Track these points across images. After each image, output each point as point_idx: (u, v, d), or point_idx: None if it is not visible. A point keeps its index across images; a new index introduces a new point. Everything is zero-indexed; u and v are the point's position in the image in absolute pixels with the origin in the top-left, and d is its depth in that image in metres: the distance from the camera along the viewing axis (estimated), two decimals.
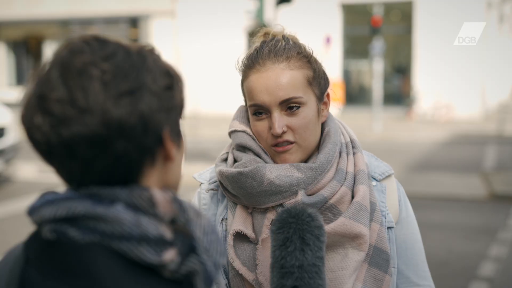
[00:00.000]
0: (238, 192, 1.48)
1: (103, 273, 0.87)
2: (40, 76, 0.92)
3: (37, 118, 0.89)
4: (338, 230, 1.42)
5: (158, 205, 0.91)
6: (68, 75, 0.89)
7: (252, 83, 1.48)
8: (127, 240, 0.88)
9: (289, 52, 1.48)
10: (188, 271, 0.91)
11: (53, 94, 0.88)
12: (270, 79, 1.45)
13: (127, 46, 0.95)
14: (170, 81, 0.97)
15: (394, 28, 21.73)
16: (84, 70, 0.89)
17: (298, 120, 1.46)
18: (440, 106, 19.88)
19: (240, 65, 1.54)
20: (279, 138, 1.47)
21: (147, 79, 0.92)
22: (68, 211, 0.89)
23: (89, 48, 0.92)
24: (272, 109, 1.46)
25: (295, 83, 1.46)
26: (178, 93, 0.98)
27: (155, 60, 0.97)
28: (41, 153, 0.93)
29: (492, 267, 5.91)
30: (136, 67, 0.92)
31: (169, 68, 0.98)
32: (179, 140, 1.01)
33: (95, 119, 0.87)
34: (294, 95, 1.45)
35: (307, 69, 1.49)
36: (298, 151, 1.49)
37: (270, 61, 1.47)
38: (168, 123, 0.95)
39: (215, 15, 21.74)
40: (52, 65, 0.92)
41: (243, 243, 1.47)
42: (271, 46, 1.49)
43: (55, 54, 0.93)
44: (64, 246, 0.89)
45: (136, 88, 0.91)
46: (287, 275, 1.23)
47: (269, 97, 1.45)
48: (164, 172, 0.98)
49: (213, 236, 0.95)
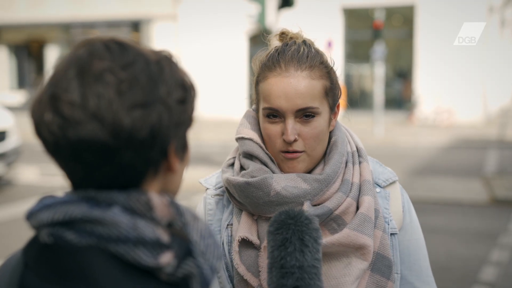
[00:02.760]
0: (244, 201, 1.48)
1: (100, 275, 0.87)
2: (56, 71, 0.91)
3: (47, 115, 0.89)
4: (342, 241, 1.42)
5: (155, 209, 0.91)
6: (84, 79, 0.88)
7: (271, 86, 1.46)
8: (124, 243, 0.88)
9: (313, 61, 1.47)
10: (185, 274, 0.91)
11: (66, 95, 0.88)
12: (291, 86, 1.44)
13: (147, 54, 0.94)
14: (184, 94, 0.96)
15: (396, 32, 21.76)
16: (101, 76, 0.88)
17: (310, 129, 1.46)
18: (442, 111, 19.88)
19: (258, 64, 1.52)
20: (289, 146, 1.46)
21: (162, 92, 0.92)
22: (65, 215, 0.89)
23: (109, 54, 0.91)
24: (287, 115, 1.45)
25: (314, 93, 1.46)
26: (190, 106, 0.98)
27: (172, 71, 0.96)
28: (47, 149, 0.93)
29: (493, 272, 5.90)
30: (153, 78, 0.92)
31: (184, 80, 0.98)
32: (184, 152, 1.01)
33: (104, 127, 0.87)
34: (311, 105, 1.45)
35: (326, 79, 1.49)
36: (306, 160, 1.49)
37: (293, 67, 1.46)
38: (176, 137, 0.95)
39: (217, 19, 21.78)
40: (69, 64, 0.91)
41: (248, 249, 1.47)
42: (294, 50, 1.48)
43: (74, 52, 0.92)
44: (61, 249, 0.89)
45: (150, 101, 0.90)
46: (288, 275, 1.23)
47: (287, 104, 1.44)
48: (165, 181, 0.98)
49: (210, 239, 0.95)
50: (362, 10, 21.18)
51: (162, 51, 0.99)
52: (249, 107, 1.66)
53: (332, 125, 1.55)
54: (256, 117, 1.58)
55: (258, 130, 1.55)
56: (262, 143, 1.53)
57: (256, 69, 1.53)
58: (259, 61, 1.53)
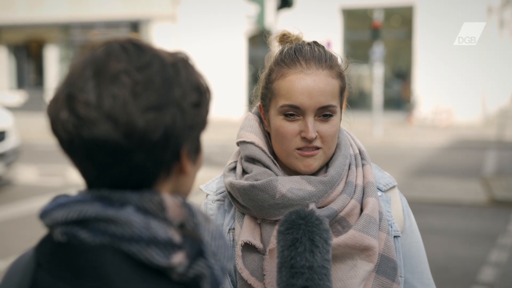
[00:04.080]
0: (248, 204, 1.48)
1: (112, 274, 0.88)
2: (73, 71, 0.92)
3: (63, 114, 0.90)
4: (348, 242, 1.42)
5: (168, 209, 0.92)
6: (101, 79, 0.90)
7: (292, 83, 1.45)
8: (137, 242, 0.89)
9: (332, 61, 1.49)
10: (196, 274, 0.92)
11: (82, 95, 0.89)
12: (315, 82, 1.44)
13: (163, 56, 0.95)
14: (199, 97, 0.97)
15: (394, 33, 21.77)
16: (117, 77, 0.89)
17: (329, 128, 1.46)
18: (440, 111, 19.89)
19: (273, 62, 1.51)
20: (308, 143, 1.46)
21: (176, 95, 0.93)
22: (79, 214, 0.90)
23: (125, 55, 0.92)
24: (308, 113, 1.45)
25: (334, 91, 1.47)
26: (204, 110, 0.99)
27: (188, 74, 0.97)
28: (62, 147, 0.94)
29: (492, 272, 5.91)
30: (169, 81, 0.93)
31: (199, 83, 0.99)
32: (197, 155, 1.01)
33: (118, 128, 0.88)
34: (332, 103, 1.46)
35: (341, 80, 1.50)
36: (321, 158, 1.48)
37: (315, 65, 1.46)
38: (189, 140, 0.96)
39: (216, 19, 21.77)
40: (86, 64, 0.92)
41: (251, 253, 1.47)
42: (310, 50, 1.48)
43: (91, 52, 0.93)
44: (74, 248, 0.90)
45: (164, 104, 0.91)
46: (297, 275, 1.24)
47: (310, 101, 1.44)
48: (177, 183, 0.99)
49: (221, 241, 0.96)
50: (361, 10, 21.18)
51: (179, 53, 0.99)
52: (249, 110, 1.65)
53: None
54: (257, 120, 1.58)
55: (260, 133, 1.55)
56: (265, 145, 1.53)
57: (270, 68, 1.51)
58: (274, 59, 1.51)
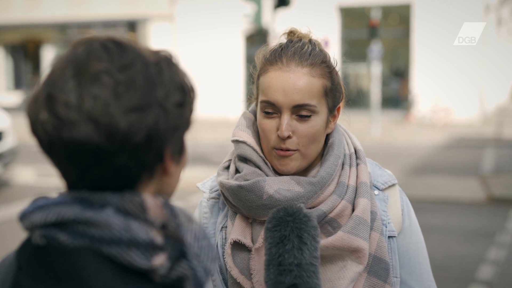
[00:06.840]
0: (238, 204, 1.47)
1: (93, 277, 0.86)
2: (54, 70, 0.90)
3: (42, 115, 0.88)
4: (336, 244, 1.41)
5: (149, 210, 0.90)
6: (81, 80, 0.87)
7: (270, 80, 1.45)
8: (117, 244, 0.87)
9: (315, 59, 1.46)
10: (178, 276, 0.90)
11: (62, 95, 0.87)
12: (290, 80, 1.43)
13: (146, 55, 0.93)
14: (183, 97, 0.95)
15: (392, 31, 21.77)
16: (98, 78, 0.87)
17: (306, 128, 1.44)
18: (439, 109, 19.90)
19: (261, 58, 1.51)
20: (282, 143, 1.45)
21: (159, 95, 0.90)
22: (58, 216, 0.88)
23: (107, 55, 0.89)
24: (283, 110, 1.44)
25: (313, 90, 1.44)
26: (188, 110, 0.97)
27: (172, 73, 0.94)
28: (42, 148, 0.92)
29: (490, 270, 5.91)
30: (151, 81, 0.90)
31: (183, 82, 0.96)
32: (181, 156, 0.99)
33: (99, 130, 0.86)
34: (309, 102, 1.43)
35: (327, 79, 1.47)
36: (298, 159, 1.46)
37: (295, 63, 1.44)
38: (172, 140, 0.94)
39: (213, 18, 21.78)
40: (67, 63, 0.90)
41: (241, 252, 1.47)
42: (297, 47, 1.47)
43: (72, 51, 0.91)
44: (54, 251, 0.88)
45: (147, 104, 0.89)
46: (286, 272, 1.23)
47: (284, 98, 1.43)
48: (160, 184, 0.97)
49: (204, 241, 0.94)
50: (358, 9, 21.19)
51: (162, 51, 0.97)
52: (246, 108, 1.65)
53: (331, 128, 1.53)
54: (252, 119, 1.57)
55: (254, 131, 1.54)
56: (257, 144, 1.52)
57: (258, 64, 1.52)
58: (262, 55, 1.51)
